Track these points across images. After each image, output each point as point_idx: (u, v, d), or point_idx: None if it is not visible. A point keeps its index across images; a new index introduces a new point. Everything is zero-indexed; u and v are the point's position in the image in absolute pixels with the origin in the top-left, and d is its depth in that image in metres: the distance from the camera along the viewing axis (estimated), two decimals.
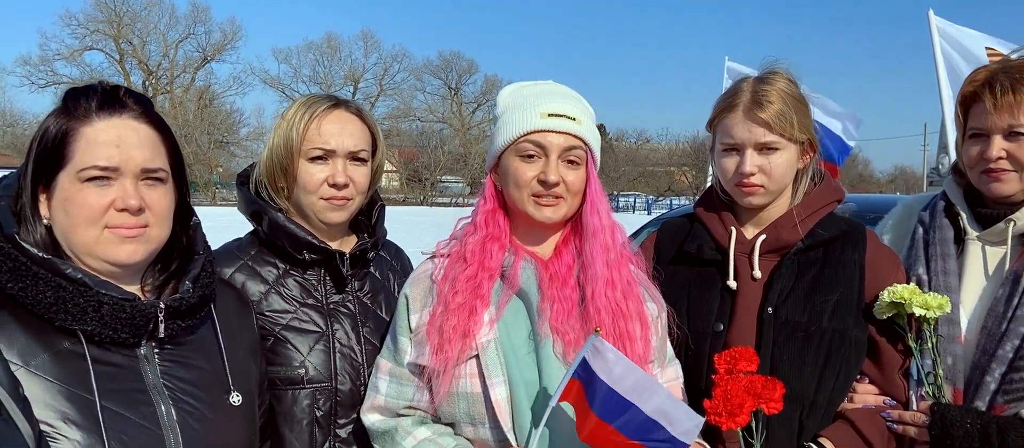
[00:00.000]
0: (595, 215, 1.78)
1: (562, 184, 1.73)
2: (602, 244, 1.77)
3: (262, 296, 1.90)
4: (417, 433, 1.77)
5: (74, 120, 1.45)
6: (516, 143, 1.76)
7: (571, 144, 1.75)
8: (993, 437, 1.76)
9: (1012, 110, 1.86)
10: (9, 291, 1.37)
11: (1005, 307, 1.86)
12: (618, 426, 1.58)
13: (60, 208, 1.44)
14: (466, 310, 1.72)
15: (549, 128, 1.74)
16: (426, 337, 1.75)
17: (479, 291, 1.74)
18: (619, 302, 1.76)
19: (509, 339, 1.74)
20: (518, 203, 1.77)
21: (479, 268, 1.76)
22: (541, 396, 1.69)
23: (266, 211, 1.93)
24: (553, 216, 1.76)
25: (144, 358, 1.47)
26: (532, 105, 1.78)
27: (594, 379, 1.58)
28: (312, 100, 2.00)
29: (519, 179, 1.75)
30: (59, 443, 1.31)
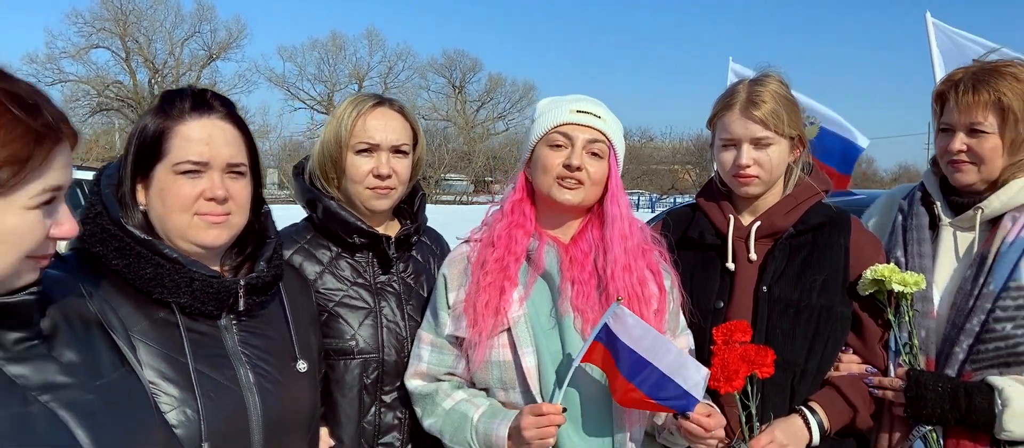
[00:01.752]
0: (615, 205, 2.00)
1: (584, 170, 1.95)
2: (620, 232, 1.97)
3: (317, 276, 2.11)
4: (455, 395, 2.01)
5: (170, 120, 1.65)
6: (547, 134, 1.99)
7: (595, 137, 1.98)
8: (961, 399, 1.98)
9: (971, 109, 2.06)
10: (115, 267, 1.58)
11: (972, 286, 2.06)
12: (637, 384, 1.79)
13: (156, 197, 1.65)
14: (496, 289, 1.95)
15: (576, 121, 1.97)
16: (463, 312, 1.98)
17: (507, 272, 1.97)
18: (635, 287, 1.96)
19: (536, 315, 1.97)
20: (543, 187, 1.99)
21: (506, 252, 1.99)
22: (564, 364, 1.92)
23: (321, 199, 2.14)
24: (573, 199, 1.97)
25: (224, 328, 1.68)
26: (564, 104, 2.01)
27: (617, 342, 1.80)
28: (359, 99, 2.21)
29: (546, 164, 1.98)
30: (160, 397, 1.51)
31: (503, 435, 1.87)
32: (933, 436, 2.05)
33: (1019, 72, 2.06)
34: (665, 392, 1.80)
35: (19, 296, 1.20)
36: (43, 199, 1.17)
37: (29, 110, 1.14)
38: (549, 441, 1.84)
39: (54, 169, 1.18)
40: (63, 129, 1.19)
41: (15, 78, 1.18)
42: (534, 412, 1.83)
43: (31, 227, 1.17)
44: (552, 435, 1.83)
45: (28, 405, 1.17)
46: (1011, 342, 1.98)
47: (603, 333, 1.82)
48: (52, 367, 1.24)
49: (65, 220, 1.23)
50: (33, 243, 1.18)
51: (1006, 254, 2.04)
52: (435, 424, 2.01)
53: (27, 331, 1.23)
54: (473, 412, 1.95)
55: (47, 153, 1.16)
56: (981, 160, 2.09)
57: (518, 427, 1.84)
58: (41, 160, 1.15)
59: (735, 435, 2.01)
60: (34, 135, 1.14)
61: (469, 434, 1.93)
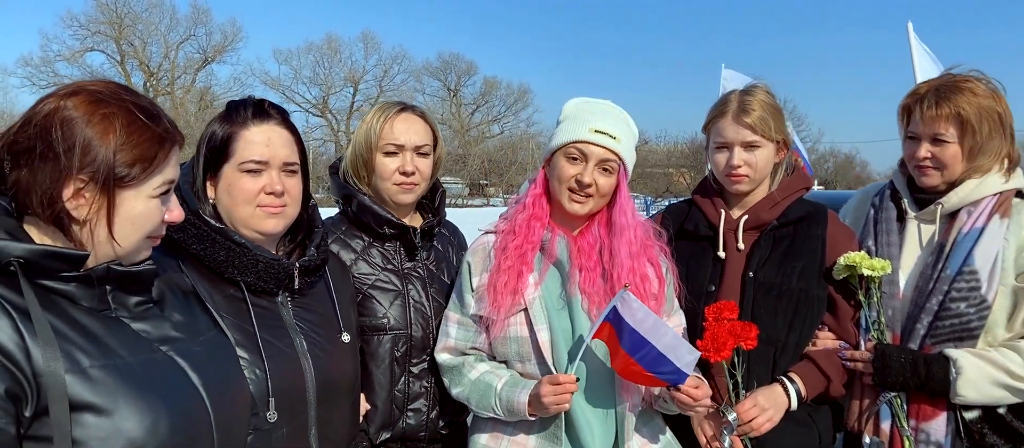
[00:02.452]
0: (623, 215, 2.25)
1: (594, 185, 2.20)
2: (627, 240, 2.23)
3: (352, 262, 2.37)
4: (479, 366, 2.28)
5: (235, 125, 1.91)
6: (565, 147, 2.23)
7: (607, 156, 2.21)
8: (921, 369, 2.25)
9: (934, 122, 2.32)
10: (193, 251, 1.85)
11: (932, 271, 2.33)
12: (638, 359, 2.05)
13: (225, 191, 1.91)
14: (515, 272, 2.22)
15: (592, 141, 2.20)
16: (485, 293, 2.25)
17: (524, 258, 2.24)
18: (638, 281, 2.22)
19: (549, 296, 2.23)
20: (557, 194, 2.26)
21: (524, 240, 2.25)
22: (574, 340, 2.19)
23: (355, 195, 2.41)
24: (581, 211, 2.24)
25: (281, 304, 1.94)
26: (585, 120, 2.23)
27: (622, 322, 2.07)
28: (386, 105, 2.47)
29: (561, 175, 2.24)
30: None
31: (524, 401, 2.14)
32: (897, 401, 2.32)
33: (975, 87, 2.33)
34: (661, 367, 2.06)
35: (143, 266, 1.46)
36: (162, 190, 1.44)
37: (153, 118, 1.41)
38: (565, 405, 2.10)
39: (171, 166, 1.44)
40: (176, 133, 1.46)
41: (138, 92, 1.46)
42: (552, 382, 2.08)
43: (153, 212, 1.43)
44: (567, 401, 2.09)
45: (153, 353, 1.44)
46: (964, 319, 2.25)
47: (611, 314, 2.08)
48: (166, 324, 1.51)
49: (175, 207, 1.50)
50: (153, 225, 1.45)
51: (961, 243, 2.31)
52: (462, 392, 2.28)
53: (145, 296, 1.50)
54: (496, 382, 2.21)
55: (167, 153, 1.42)
56: (943, 166, 2.35)
57: (537, 395, 2.10)
58: (163, 159, 1.42)
59: (724, 400, 2.27)
60: (158, 138, 1.41)
61: (493, 400, 2.20)
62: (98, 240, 1.38)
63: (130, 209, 1.40)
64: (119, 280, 1.42)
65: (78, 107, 1.34)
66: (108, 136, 1.34)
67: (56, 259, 1.33)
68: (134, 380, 1.34)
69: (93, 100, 1.36)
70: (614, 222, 2.25)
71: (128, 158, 1.36)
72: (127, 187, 1.38)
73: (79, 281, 1.37)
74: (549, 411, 2.10)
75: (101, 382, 1.30)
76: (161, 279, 1.57)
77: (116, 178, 1.36)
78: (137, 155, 1.37)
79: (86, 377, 1.29)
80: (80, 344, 1.32)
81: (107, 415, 1.28)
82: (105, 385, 1.30)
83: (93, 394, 1.29)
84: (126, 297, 1.45)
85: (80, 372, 1.29)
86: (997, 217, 2.30)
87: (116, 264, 1.41)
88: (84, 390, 1.28)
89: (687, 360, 2.07)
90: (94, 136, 1.34)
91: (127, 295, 1.45)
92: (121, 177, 1.36)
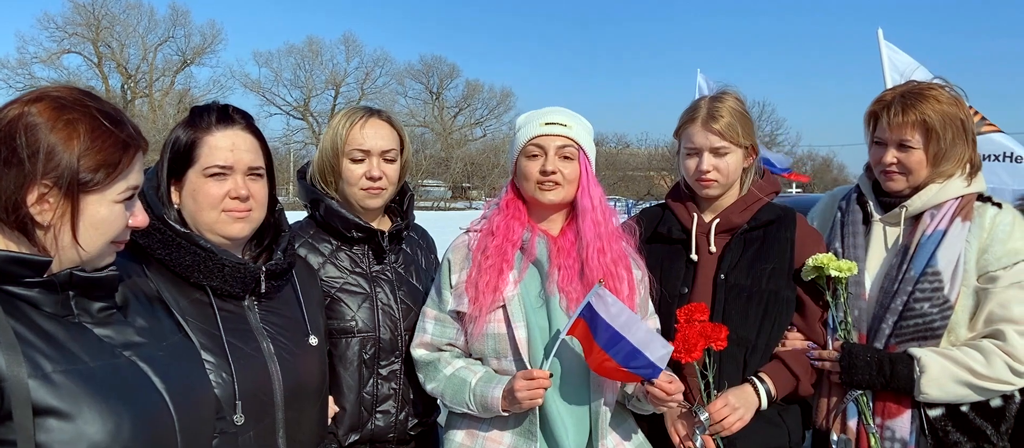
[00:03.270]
0: (586, 197, 2.28)
1: (558, 172, 2.24)
2: (593, 220, 2.27)
3: (320, 266, 2.37)
4: (454, 363, 2.29)
5: (199, 131, 1.91)
6: (524, 148, 2.28)
7: (564, 143, 2.26)
8: (885, 367, 2.28)
9: (901, 129, 2.35)
10: (158, 256, 1.84)
11: (897, 272, 2.36)
12: (612, 354, 2.07)
13: (189, 196, 1.91)
14: (495, 270, 2.24)
15: (546, 132, 2.26)
16: (464, 291, 2.26)
17: (505, 257, 2.26)
18: (609, 266, 2.25)
19: (527, 294, 2.25)
20: (528, 191, 2.29)
21: (504, 239, 2.28)
22: (550, 337, 2.21)
23: (322, 199, 2.41)
24: (554, 198, 2.26)
25: (248, 308, 1.93)
26: (536, 119, 2.30)
27: (597, 318, 2.08)
28: (352, 111, 2.48)
29: (526, 173, 2.27)
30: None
31: (497, 396, 2.15)
32: (863, 399, 2.35)
33: (939, 94, 2.37)
34: (635, 362, 2.08)
35: (106, 272, 1.46)
36: (126, 195, 1.44)
37: (116, 124, 1.41)
38: (538, 401, 2.11)
39: (135, 171, 1.45)
40: (139, 139, 1.46)
41: (102, 99, 1.46)
42: (526, 376, 2.10)
43: (117, 218, 1.44)
44: (541, 396, 2.11)
45: (116, 358, 1.44)
46: (927, 319, 2.29)
47: (586, 310, 2.09)
48: (130, 330, 1.51)
49: (139, 213, 1.50)
50: (117, 230, 1.45)
51: (924, 245, 2.35)
52: (437, 388, 2.29)
53: (109, 301, 1.50)
54: (471, 378, 2.23)
55: (131, 158, 1.43)
56: (909, 171, 2.39)
57: (511, 389, 2.12)
58: (126, 164, 1.42)
59: (695, 400, 2.29)
60: (121, 143, 1.41)
61: (467, 396, 2.21)
62: (62, 245, 1.38)
63: (94, 214, 1.40)
64: (82, 286, 1.43)
65: (41, 113, 1.35)
66: (72, 142, 1.35)
67: (19, 265, 1.34)
68: (97, 385, 1.35)
69: (56, 106, 1.36)
70: (578, 205, 2.29)
71: (92, 163, 1.37)
72: (91, 192, 1.38)
73: (42, 287, 1.37)
74: (523, 406, 2.12)
75: (64, 387, 1.31)
76: (125, 284, 1.57)
77: (80, 183, 1.36)
78: (101, 160, 1.38)
79: (49, 382, 1.30)
80: (43, 349, 1.33)
81: (70, 420, 1.29)
82: (68, 390, 1.31)
83: (56, 399, 1.29)
84: (89, 303, 1.45)
85: (43, 377, 1.30)
86: (959, 220, 2.34)
87: (79, 270, 1.41)
88: (47, 395, 1.29)
89: (660, 354, 2.09)
90: (58, 142, 1.34)
91: (90, 301, 1.46)
92: (85, 182, 1.37)
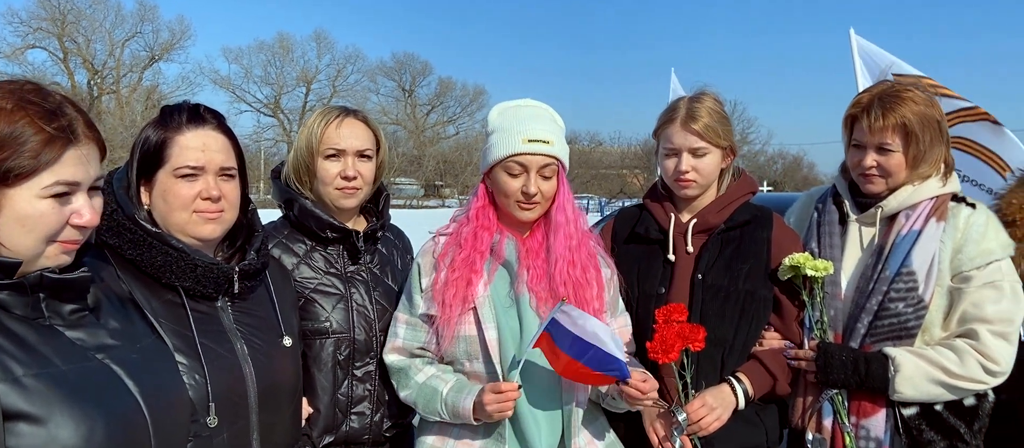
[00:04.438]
0: (561, 213, 2.26)
1: (539, 193, 2.22)
2: (565, 234, 2.25)
3: (294, 266, 2.33)
4: (426, 370, 2.27)
5: (169, 130, 1.87)
6: (504, 162, 2.22)
7: (546, 163, 2.22)
8: (861, 366, 2.30)
9: (882, 132, 2.36)
10: (129, 256, 1.80)
11: (872, 271, 2.38)
12: (586, 362, 2.07)
13: (159, 197, 1.87)
14: (463, 282, 2.21)
15: (529, 151, 2.20)
16: (433, 298, 2.24)
17: (473, 267, 2.23)
18: (578, 276, 2.24)
19: (497, 296, 2.24)
20: (506, 206, 2.26)
21: (472, 250, 2.25)
22: (520, 338, 2.20)
23: (297, 199, 2.37)
24: (532, 217, 2.26)
25: (221, 309, 1.90)
26: (517, 130, 2.22)
27: (561, 330, 2.08)
28: (328, 110, 2.44)
29: (506, 190, 2.24)
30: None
31: (468, 407, 2.14)
32: (839, 398, 2.37)
33: (915, 96, 2.38)
34: (608, 365, 2.08)
35: (77, 273, 1.41)
36: (55, 191, 1.35)
37: (48, 115, 1.34)
38: (507, 413, 2.10)
39: (66, 166, 1.35)
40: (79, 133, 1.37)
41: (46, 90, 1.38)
42: (494, 390, 2.09)
43: (46, 214, 1.35)
44: (510, 409, 2.10)
45: (89, 361, 1.39)
46: (902, 318, 2.31)
47: (550, 325, 2.09)
48: (102, 332, 1.46)
49: (87, 210, 1.40)
50: (49, 228, 1.36)
51: (899, 245, 2.37)
52: (409, 396, 2.26)
53: (80, 303, 1.45)
54: (442, 387, 2.21)
55: (58, 151, 1.34)
56: (888, 173, 2.41)
57: (481, 401, 2.10)
58: (52, 157, 1.33)
59: (673, 401, 2.29)
60: (46, 135, 1.33)
61: (439, 405, 2.20)
62: None
63: (17, 209, 1.32)
64: (53, 288, 1.38)
65: None
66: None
67: None
68: (69, 388, 1.31)
69: None
70: (552, 220, 2.28)
71: (7, 154, 1.30)
72: (10, 185, 1.31)
73: (11, 289, 1.33)
74: (492, 418, 2.12)
75: (35, 391, 1.28)
76: (97, 286, 1.52)
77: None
78: (16, 151, 1.30)
79: (19, 386, 1.27)
80: (13, 353, 1.29)
81: (42, 424, 1.26)
82: (39, 394, 1.28)
83: (27, 403, 1.26)
84: (60, 305, 1.41)
85: (13, 381, 1.26)
86: (933, 220, 2.36)
87: (50, 272, 1.37)
88: (18, 399, 1.26)
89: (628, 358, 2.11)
90: None
91: (61, 303, 1.41)
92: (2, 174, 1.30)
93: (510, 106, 2.35)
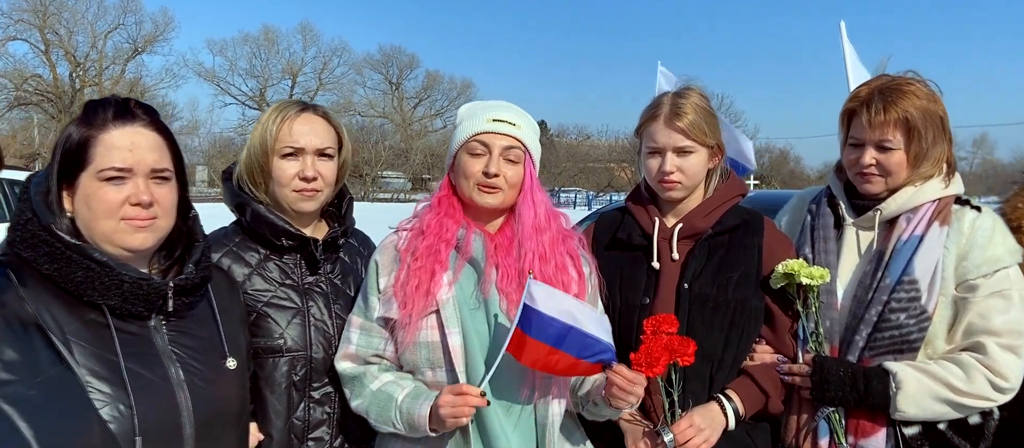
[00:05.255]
0: (528, 205, 2.10)
1: (501, 176, 2.06)
2: (534, 226, 2.08)
3: (246, 277, 2.14)
4: (383, 377, 2.08)
5: (93, 128, 1.67)
6: (466, 143, 2.08)
7: (510, 144, 2.08)
8: (859, 382, 2.13)
9: (883, 128, 2.19)
10: (46, 272, 1.60)
11: (871, 280, 2.21)
12: (566, 349, 1.90)
13: (82, 203, 1.66)
14: (427, 272, 2.03)
15: (493, 130, 2.07)
16: (393, 296, 2.05)
17: (438, 257, 2.05)
18: (553, 274, 2.07)
19: (463, 297, 2.06)
20: (466, 191, 2.09)
21: (436, 238, 2.07)
22: (490, 344, 2.01)
23: (249, 203, 2.17)
24: (492, 202, 2.08)
25: (154, 328, 1.70)
26: (481, 113, 2.10)
27: (539, 317, 1.89)
28: (283, 105, 2.24)
29: (467, 171, 2.07)
30: (93, 394, 1.54)
31: (425, 414, 1.95)
32: (836, 417, 2.20)
33: (918, 90, 2.21)
34: (590, 349, 1.92)
35: None
36: None
37: None
38: (463, 420, 1.91)
39: None
40: None
41: None
42: (454, 391, 1.91)
43: None
44: (466, 414, 1.90)
45: None
46: (904, 331, 2.14)
47: (522, 318, 1.90)
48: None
49: None
50: None
51: (900, 251, 2.20)
52: (362, 405, 2.07)
53: None
54: (398, 393, 2.02)
55: None
56: (888, 172, 2.24)
57: (437, 405, 1.92)
58: None
59: (659, 421, 2.12)
60: None
61: (393, 414, 2.01)
62: None
63: None
64: None
65: None
66: None
67: None
68: None
69: None
70: (519, 212, 2.12)
71: None
72: None
73: None
74: (445, 426, 1.92)
75: None
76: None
77: None
78: None
79: None
80: None
81: None
82: None
83: None
84: None
85: None
86: (936, 224, 2.20)
87: None
88: None
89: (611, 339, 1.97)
90: None
91: None
92: None
93: (482, 101, 2.21)
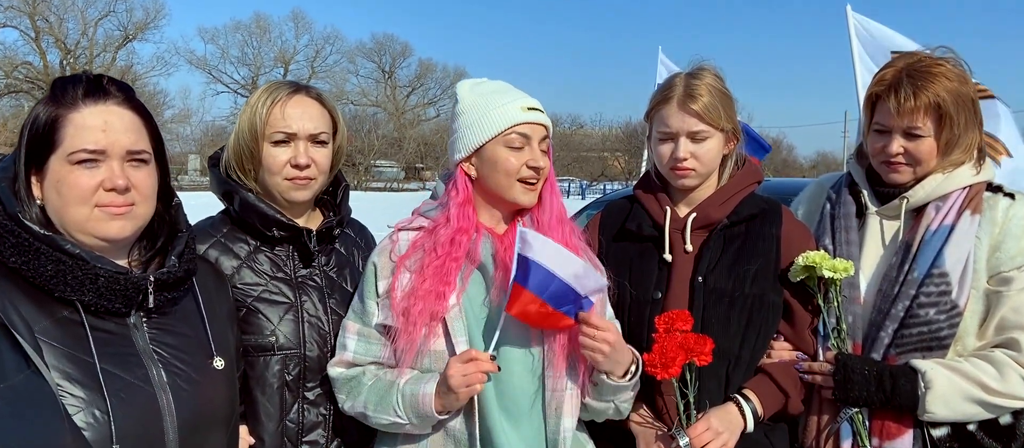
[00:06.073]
0: (553, 194, 2.02)
1: (545, 169, 1.97)
2: (558, 216, 2.00)
3: (235, 270, 2.01)
4: (380, 373, 1.97)
5: (62, 107, 1.53)
6: (504, 134, 1.93)
7: (544, 134, 1.98)
8: (886, 382, 2.02)
9: (912, 115, 2.04)
10: (12, 265, 1.47)
11: (897, 272, 2.09)
12: (546, 298, 1.81)
13: (53, 189, 1.53)
14: (433, 296, 1.90)
15: (531, 120, 1.95)
16: (393, 306, 1.92)
17: (447, 278, 1.92)
18: None
19: (470, 305, 1.94)
20: (503, 190, 1.95)
21: (448, 258, 1.93)
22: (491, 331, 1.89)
23: (237, 191, 2.04)
24: (533, 200, 1.98)
25: (134, 326, 1.58)
26: (510, 100, 1.96)
27: (529, 264, 1.81)
28: (274, 86, 2.10)
29: (508, 168, 1.94)
30: (66, 399, 1.41)
31: (430, 392, 1.84)
32: (859, 418, 2.08)
33: (948, 71, 2.07)
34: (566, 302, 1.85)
35: None
36: None
37: None
38: (476, 388, 1.80)
39: None
40: None
41: None
42: (462, 358, 1.80)
43: None
44: (480, 382, 1.80)
45: None
46: (933, 327, 2.02)
47: (518, 271, 1.82)
48: None
49: None
50: None
51: (929, 242, 2.07)
52: (359, 401, 1.95)
53: None
54: (400, 379, 1.92)
55: None
56: (917, 161, 2.11)
57: (445, 378, 1.81)
58: None
59: (674, 423, 2.00)
60: None
61: (395, 399, 1.89)
62: None
63: None
64: None
65: None
66: None
67: None
68: None
69: None
70: (545, 201, 2.03)
71: None
72: None
73: None
74: (458, 399, 1.81)
75: None
76: None
77: None
78: None
79: None
80: None
81: None
82: None
83: None
84: None
85: None
86: (967, 213, 2.07)
87: None
88: None
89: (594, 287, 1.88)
90: None
91: None
92: None
93: (483, 82, 2.06)
